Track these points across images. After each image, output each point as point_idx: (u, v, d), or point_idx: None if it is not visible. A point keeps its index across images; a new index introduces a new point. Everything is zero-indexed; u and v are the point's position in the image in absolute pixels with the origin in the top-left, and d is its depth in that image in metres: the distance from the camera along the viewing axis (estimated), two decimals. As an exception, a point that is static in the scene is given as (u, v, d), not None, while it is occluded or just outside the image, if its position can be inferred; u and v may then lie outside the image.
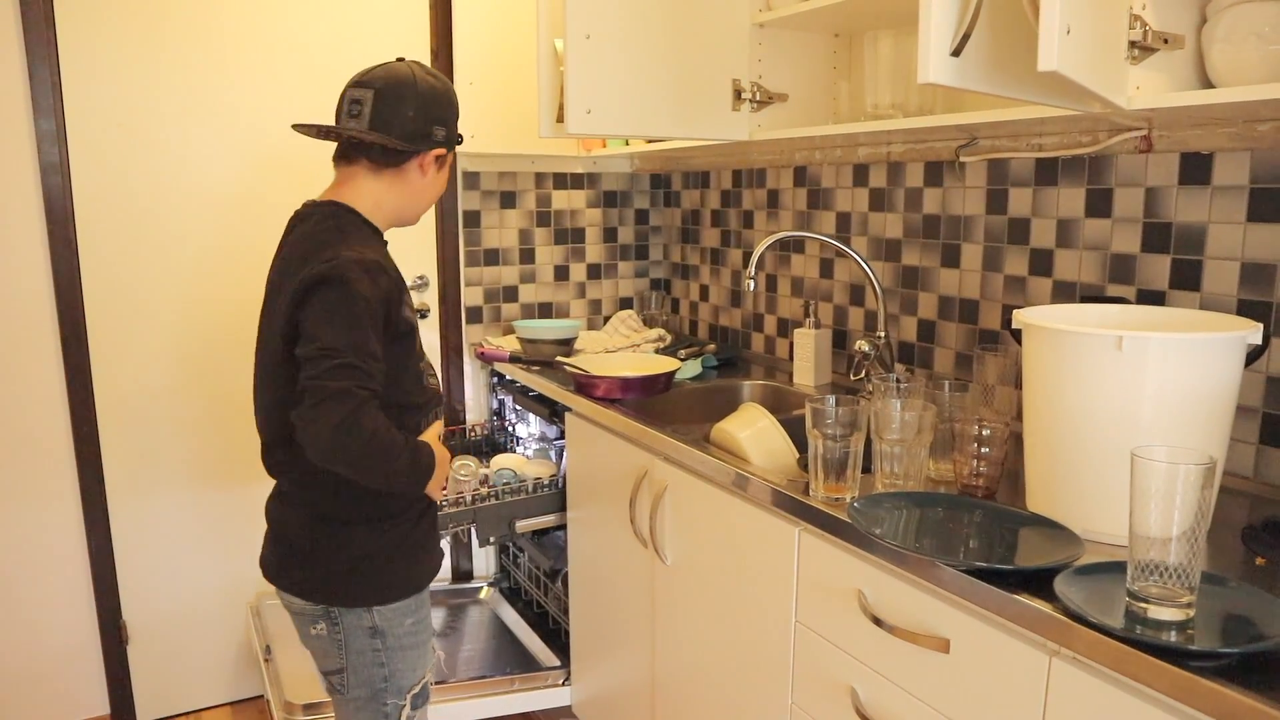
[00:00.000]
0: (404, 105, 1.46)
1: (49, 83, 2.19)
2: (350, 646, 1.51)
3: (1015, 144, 1.77)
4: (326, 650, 1.53)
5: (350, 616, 1.50)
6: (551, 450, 2.49)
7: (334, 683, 1.55)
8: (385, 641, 1.52)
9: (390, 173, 1.50)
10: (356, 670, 1.52)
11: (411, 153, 1.49)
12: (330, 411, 1.29)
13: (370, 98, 1.45)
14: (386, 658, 1.53)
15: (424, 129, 1.49)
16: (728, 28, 1.99)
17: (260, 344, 1.50)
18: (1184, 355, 1.12)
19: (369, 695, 1.53)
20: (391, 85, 1.46)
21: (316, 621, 1.51)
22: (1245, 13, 1.21)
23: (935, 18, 1.10)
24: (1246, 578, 1.08)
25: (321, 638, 1.52)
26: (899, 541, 1.21)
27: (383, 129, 1.45)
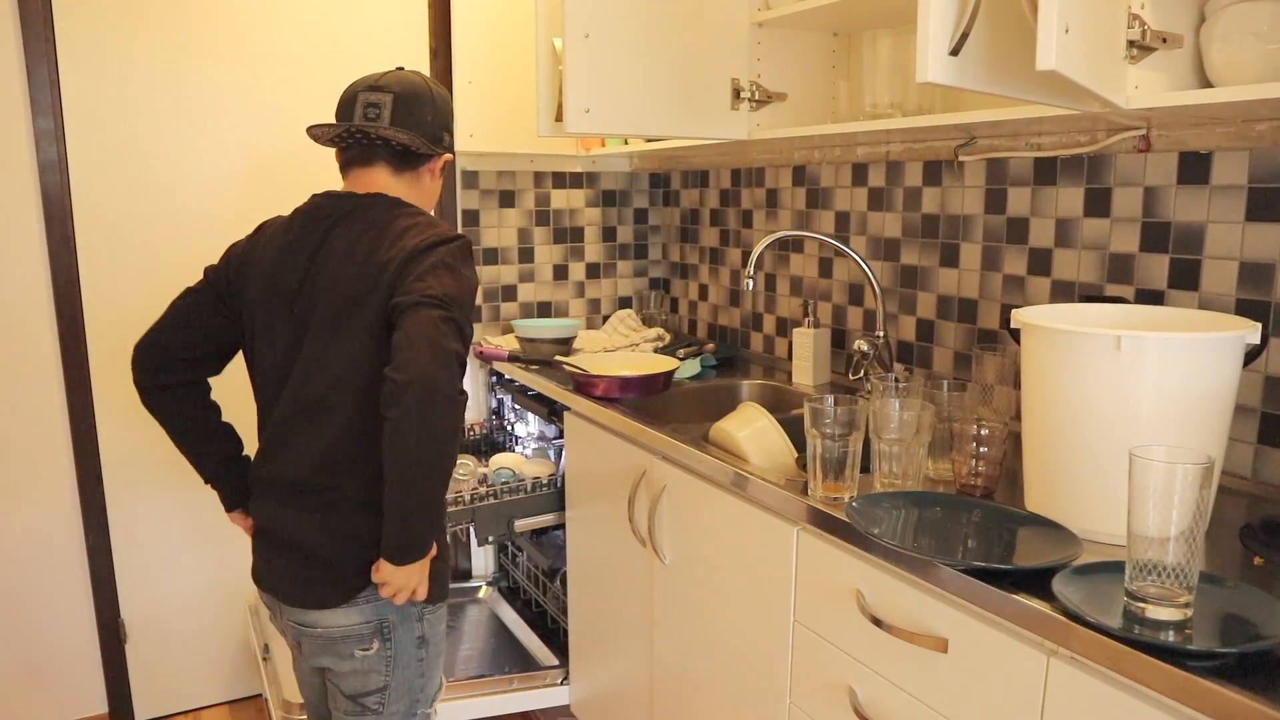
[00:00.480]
0: (423, 110, 1.49)
1: (47, 81, 2.19)
2: (399, 661, 1.44)
3: (1014, 143, 1.77)
4: (369, 670, 1.43)
5: (403, 629, 1.44)
6: (550, 449, 2.49)
7: (368, 704, 1.45)
8: (429, 650, 1.48)
9: (408, 175, 1.51)
10: (399, 686, 1.46)
11: (428, 155, 1.52)
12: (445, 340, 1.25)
13: (389, 101, 1.45)
14: (427, 667, 1.49)
15: (438, 134, 1.52)
16: (727, 27, 1.99)
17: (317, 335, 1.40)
18: (1182, 355, 1.12)
19: (405, 710, 1.47)
20: (409, 89, 1.48)
21: (366, 642, 1.42)
22: (1243, 12, 1.21)
23: (934, 17, 1.10)
24: (1245, 577, 1.08)
25: (367, 657, 1.42)
26: (897, 541, 1.21)
27: (416, 138, 1.47)
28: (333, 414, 1.39)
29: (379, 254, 1.38)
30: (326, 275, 1.41)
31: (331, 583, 1.40)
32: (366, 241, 1.40)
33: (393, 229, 1.41)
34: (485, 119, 2.59)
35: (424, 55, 2.60)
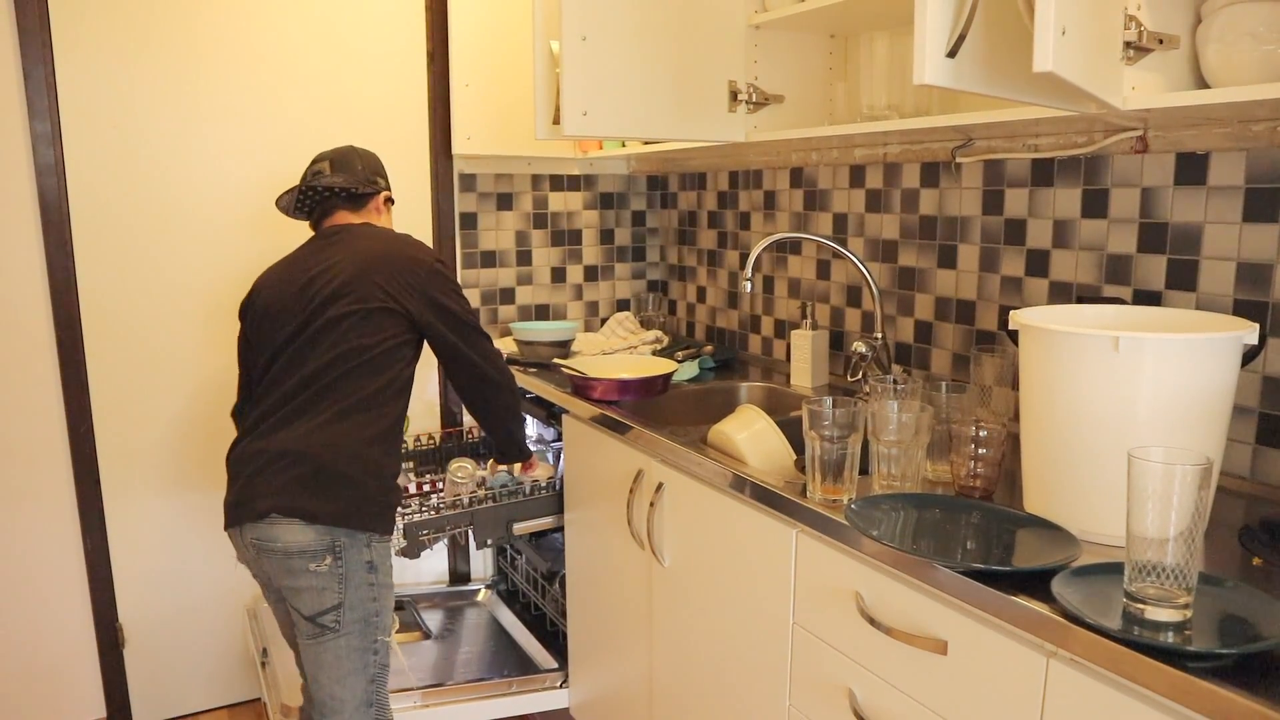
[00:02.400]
0: (354, 163, 1.95)
1: (44, 84, 2.18)
2: (350, 580, 1.62)
3: (1011, 144, 1.77)
4: (324, 586, 1.62)
5: (353, 550, 1.63)
6: (549, 452, 2.49)
7: (326, 622, 1.63)
8: (378, 577, 1.67)
9: (363, 211, 1.94)
10: (353, 605, 1.63)
11: (370, 193, 1.94)
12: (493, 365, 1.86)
13: (327, 165, 1.93)
14: (377, 593, 1.67)
15: (370, 178, 1.95)
16: (723, 29, 1.99)
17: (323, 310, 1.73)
18: (1180, 356, 1.12)
19: (361, 630, 1.65)
20: (339, 154, 1.95)
21: (320, 557, 1.61)
22: (1239, 13, 1.21)
23: (931, 19, 1.10)
24: (1244, 578, 1.08)
25: (320, 574, 1.61)
26: (896, 543, 1.21)
27: (352, 180, 1.91)
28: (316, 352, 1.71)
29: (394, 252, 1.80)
30: (333, 263, 1.77)
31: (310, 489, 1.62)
32: (365, 246, 1.81)
33: (384, 232, 1.88)
34: (482, 122, 2.59)
35: (421, 59, 2.60)
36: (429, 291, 1.76)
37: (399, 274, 1.74)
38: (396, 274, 1.74)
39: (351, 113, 2.54)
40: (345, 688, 1.63)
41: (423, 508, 2.14)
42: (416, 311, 1.75)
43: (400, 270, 1.75)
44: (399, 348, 1.75)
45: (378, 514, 1.67)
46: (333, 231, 1.86)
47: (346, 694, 1.63)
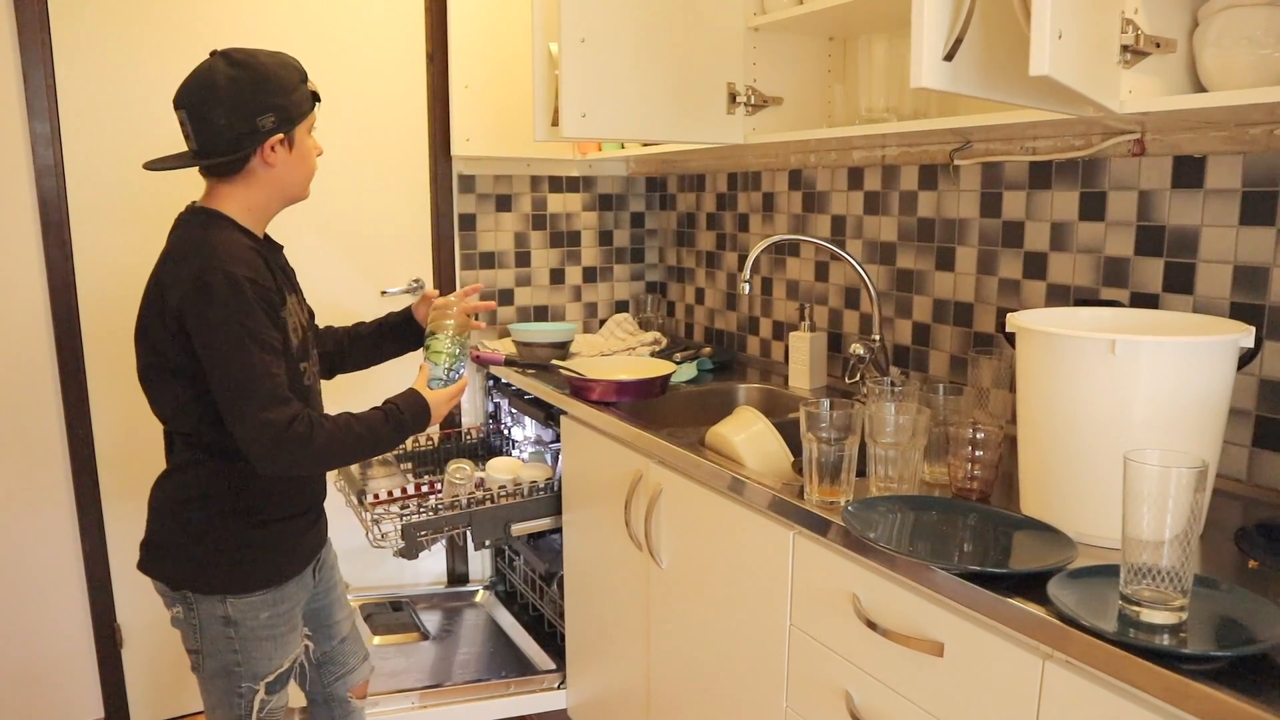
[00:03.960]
0: (214, 114, 1.43)
1: (44, 85, 2.19)
2: (205, 631, 1.53)
3: (1009, 147, 1.78)
4: (183, 631, 1.55)
5: (204, 605, 1.51)
6: (547, 453, 2.49)
7: (192, 661, 1.58)
8: (239, 630, 1.53)
9: (238, 177, 1.49)
10: (211, 654, 1.54)
11: (242, 157, 1.46)
12: (275, 451, 1.41)
13: (186, 118, 1.45)
14: (240, 645, 1.54)
15: (244, 128, 1.44)
16: (722, 31, 2.00)
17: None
18: (1176, 359, 1.12)
19: (223, 675, 1.55)
20: (196, 99, 1.43)
21: (173, 604, 1.54)
22: (1236, 17, 1.22)
23: (928, 22, 1.10)
24: (1239, 580, 1.08)
25: (179, 620, 1.54)
26: (893, 545, 1.21)
27: (205, 146, 1.45)
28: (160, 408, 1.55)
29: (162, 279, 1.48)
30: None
31: (152, 544, 1.55)
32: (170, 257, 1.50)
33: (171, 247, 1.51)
34: (482, 123, 2.60)
35: (420, 60, 2.60)
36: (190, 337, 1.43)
37: (162, 323, 1.46)
38: (160, 325, 1.46)
39: (350, 113, 2.54)
40: (213, 716, 1.60)
41: (421, 509, 2.14)
42: (187, 365, 1.47)
43: (162, 319, 1.46)
44: (189, 405, 1.50)
45: (221, 577, 1.51)
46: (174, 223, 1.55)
47: None
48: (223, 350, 1.37)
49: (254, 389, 1.37)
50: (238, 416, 1.38)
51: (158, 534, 1.54)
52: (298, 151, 1.52)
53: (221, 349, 1.37)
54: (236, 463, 1.48)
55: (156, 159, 1.52)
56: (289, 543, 1.58)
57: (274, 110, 1.45)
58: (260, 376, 1.38)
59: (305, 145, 1.53)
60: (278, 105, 1.45)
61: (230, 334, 1.37)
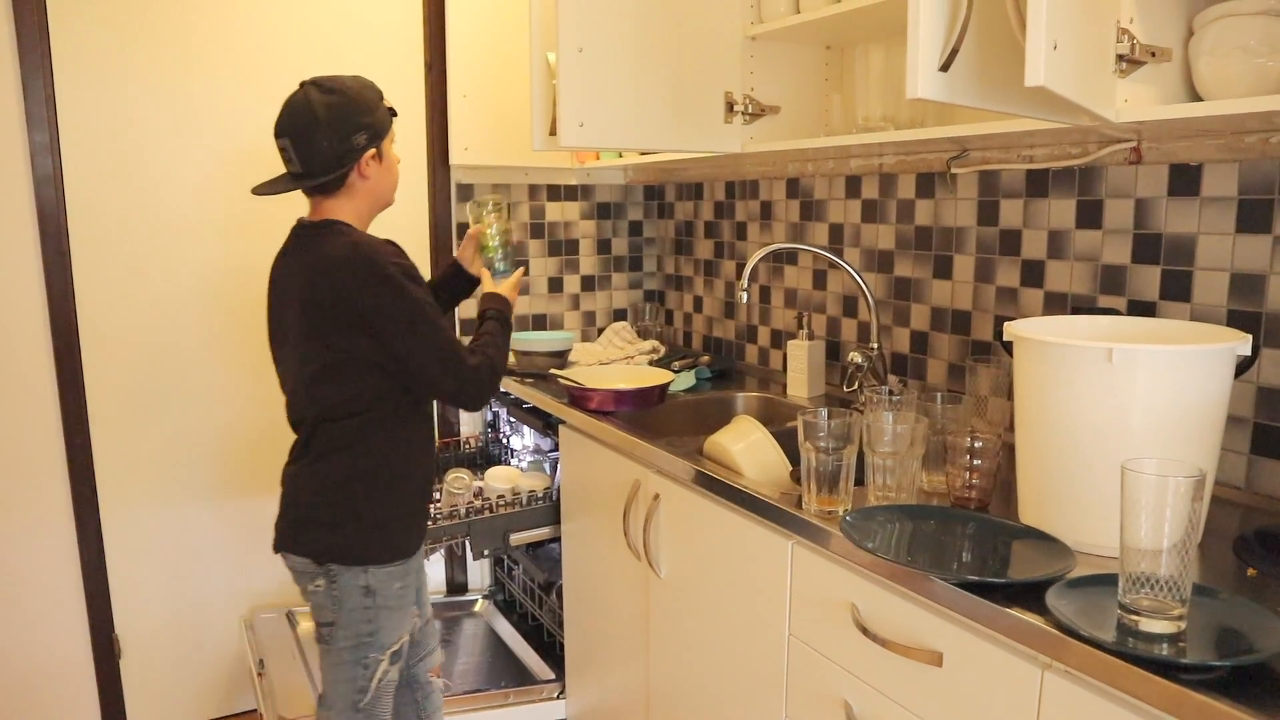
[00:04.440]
0: (317, 139, 1.59)
1: (43, 95, 2.19)
2: (344, 603, 1.66)
3: (1006, 155, 1.78)
4: (322, 604, 1.68)
5: (346, 576, 1.65)
6: (546, 463, 2.49)
7: (323, 634, 1.70)
8: (376, 600, 1.68)
9: (341, 191, 1.66)
10: (346, 625, 1.67)
11: (344, 173, 1.63)
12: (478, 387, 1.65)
13: (289, 145, 1.61)
14: (374, 615, 1.68)
15: (343, 148, 1.60)
16: (720, 40, 2.00)
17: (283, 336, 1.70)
18: (1174, 367, 1.12)
19: (352, 648, 1.68)
20: (299, 127, 1.59)
21: (315, 579, 1.67)
22: (1230, 26, 1.22)
23: (923, 33, 1.10)
24: (1238, 589, 1.08)
25: (319, 593, 1.67)
26: (892, 555, 1.21)
27: (310, 168, 1.61)
28: (298, 398, 1.70)
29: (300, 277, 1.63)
30: (286, 298, 1.69)
31: (298, 526, 1.68)
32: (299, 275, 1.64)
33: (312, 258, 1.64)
34: (480, 132, 2.60)
35: (419, 69, 2.61)
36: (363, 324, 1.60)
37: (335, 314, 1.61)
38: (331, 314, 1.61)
39: (349, 124, 2.54)
40: (335, 692, 1.72)
41: (419, 518, 2.14)
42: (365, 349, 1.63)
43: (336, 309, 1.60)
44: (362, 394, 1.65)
45: (364, 550, 1.66)
46: (295, 233, 1.72)
47: (335, 697, 1.72)
48: (421, 329, 1.57)
49: (456, 350, 1.61)
50: (454, 373, 1.61)
51: (307, 512, 1.67)
52: (386, 162, 1.70)
53: (420, 328, 1.57)
54: (394, 441, 1.67)
55: (263, 184, 1.69)
56: (418, 516, 1.76)
57: (365, 129, 1.62)
58: (454, 340, 1.62)
59: (390, 156, 1.71)
60: (367, 124, 1.62)
61: (422, 314, 1.58)
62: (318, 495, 1.67)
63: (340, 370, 1.61)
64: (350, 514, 1.66)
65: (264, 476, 2.58)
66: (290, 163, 1.63)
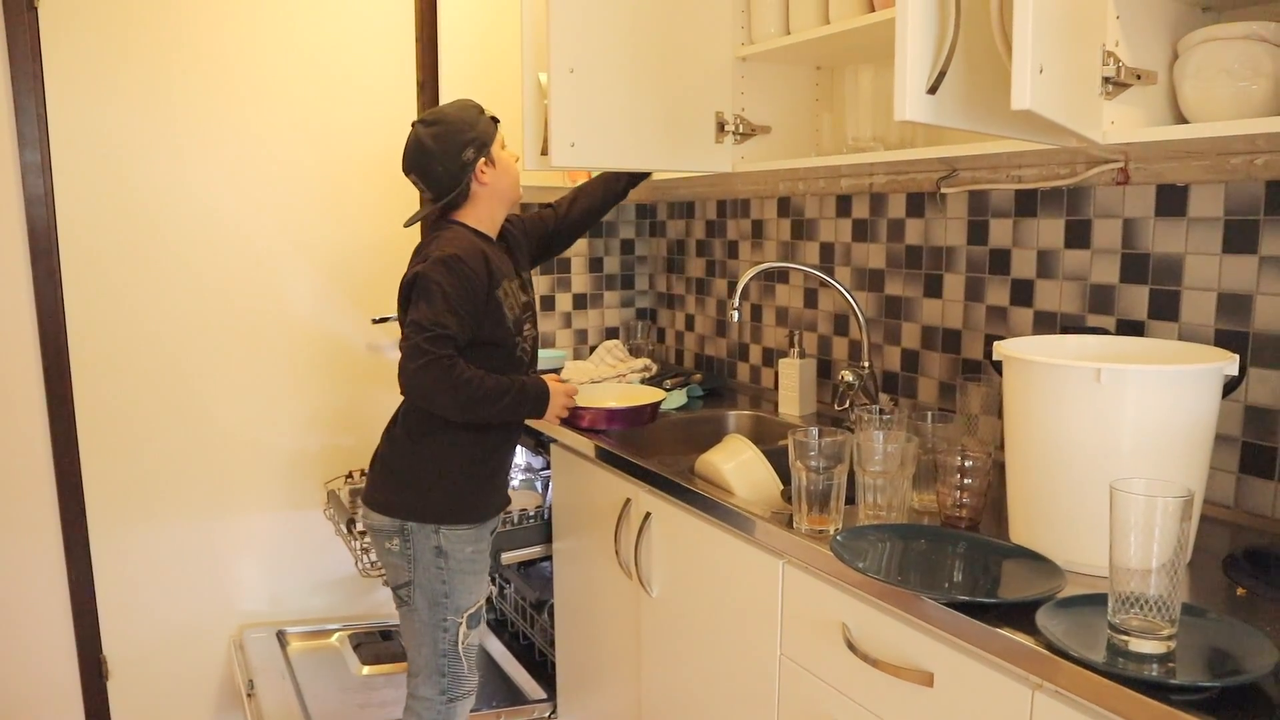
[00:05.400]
0: (433, 167, 1.77)
1: (35, 115, 2.19)
2: (419, 561, 1.79)
3: (995, 175, 1.79)
4: (398, 564, 1.81)
5: (420, 535, 1.78)
6: (537, 481, 2.48)
7: (401, 595, 1.83)
8: (448, 562, 1.79)
9: (468, 201, 1.83)
10: (421, 584, 1.80)
11: (465, 187, 1.80)
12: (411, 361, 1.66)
13: (417, 179, 1.80)
14: (447, 576, 1.80)
15: (457, 166, 1.77)
16: (710, 61, 2.01)
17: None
18: (1162, 387, 1.13)
19: (429, 607, 1.80)
20: (417, 161, 1.78)
21: (391, 537, 1.80)
22: (1214, 50, 1.24)
23: (911, 56, 1.11)
24: (1228, 609, 1.08)
25: (394, 552, 1.80)
26: (882, 574, 1.21)
27: (438, 192, 1.80)
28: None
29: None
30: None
31: (377, 481, 1.84)
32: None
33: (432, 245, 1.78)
34: (472, 151, 2.60)
35: (411, 89, 2.62)
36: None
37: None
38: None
39: (341, 142, 2.55)
40: (419, 654, 1.84)
41: (410, 537, 2.13)
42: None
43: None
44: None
45: (440, 508, 1.79)
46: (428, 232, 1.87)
47: (420, 659, 1.84)
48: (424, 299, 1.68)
49: (422, 332, 1.66)
50: (407, 346, 1.67)
51: (393, 476, 1.81)
52: (500, 165, 1.83)
53: (424, 298, 1.68)
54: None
55: (412, 216, 1.86)
56: (495, 487, 1.88)
57: (470, 144, 1.77)
58: (435, 324, 1.66)
59: (503, 158, 1.84)
60: (471, 139, 1.78)
61: (438, 289, 1.68)
62: (404, 460, 1.80)
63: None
64: (433, 479, 1.78)
65: (252, 495, 2.57)
66: (423, 191, 1.81)
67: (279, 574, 2.64)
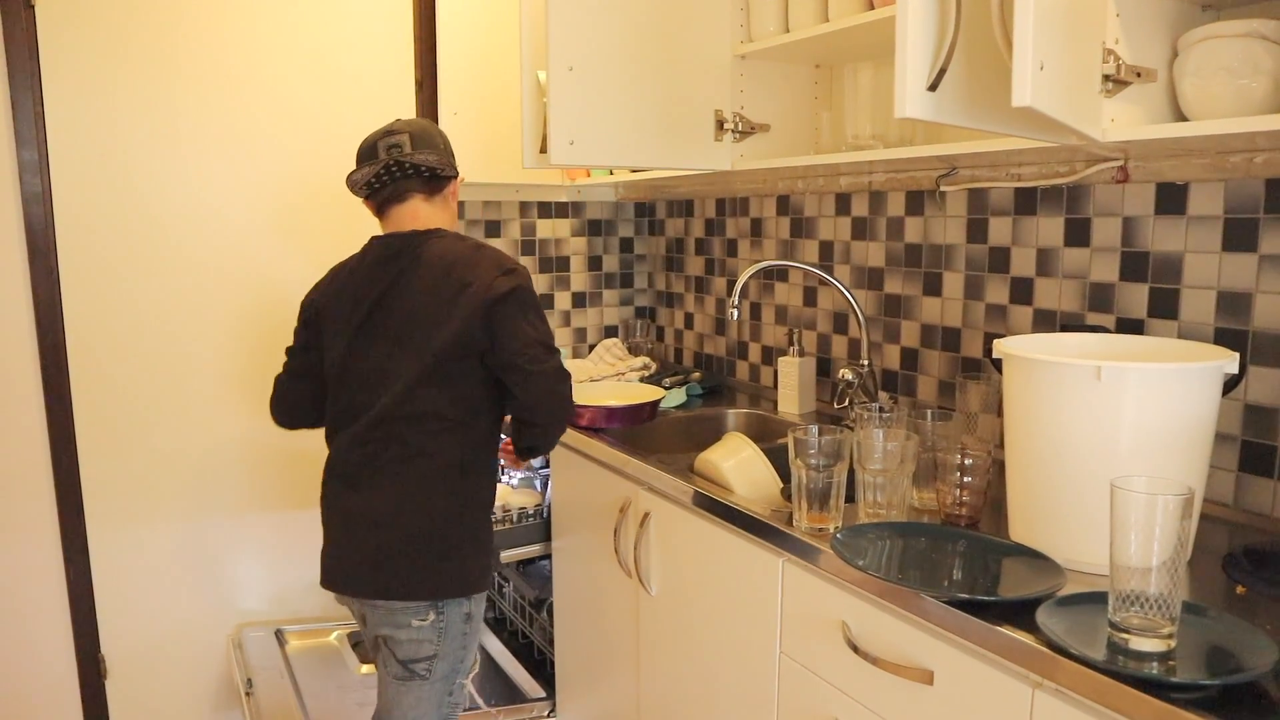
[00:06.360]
0: (435, 138, 1.71)
1: (32, 113, 2.19)
2: (448, 633, 1.66)
3: (994, 174, 1.79)
4: (424, 639, 1.65)
5: (454, 606, 1.65)
6: (537, 479, 2.48)
7: (418, 670, 1.66)
8: (471, 625, 1.70)
9: (438, 198, 1.73)
10: (445, 655, 1.67)
11: (449, 177, 1.73)
12: (564, 383, 1.63)
13: (406, 139, 1.68)
14: (467, 642, 1.71)
15: (450, 159, 1.74)
16: (710, 59, 2.01)
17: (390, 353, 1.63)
18: (1162, 385, 1.13)
19: (446, 676, 1.69)
20: (418, 126, 1.70)
21: (425, 613, 1.63)
22: (1214, 48, 1.24)
23: (911, 53, 1.11)
24: (1227, 607, 1.08)
25: (423, 628, 1.64)
26: (882, 573, 1.21)
27: (437, 160, 1.69)
28: (405, 419, 1.61)
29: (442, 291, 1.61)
30: (404, 298, 1.64)
31: (404, 560, 1.62)
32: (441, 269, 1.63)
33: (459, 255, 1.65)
34: (471, 149, 2.60)
35: (410, 86, 2.61)
36: (497, 333, 1.59)
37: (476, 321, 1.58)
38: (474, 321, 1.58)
39: (339, 140, 2.55)
40: None
41: (409, 536, 2.13)
42: (489, 353, 1.61)
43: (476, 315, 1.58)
44: (485, 399, 1.64)
45: (479, 576, 1.68)
46: (409, 244, 1.66)
47: None
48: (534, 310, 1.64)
49: (553, 348, 1.64)
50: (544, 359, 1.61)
51: (436, 548, 1.62)
52: (456, 203, 1.82)
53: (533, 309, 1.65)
54: (491, 457, 1.69)
55: (365, 167, 1.71)
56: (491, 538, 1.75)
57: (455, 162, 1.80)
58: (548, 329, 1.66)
59: (456, 203, 1.82)
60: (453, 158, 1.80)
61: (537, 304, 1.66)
62: (449, 531, 1.63)
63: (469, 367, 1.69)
64: (470, 545, 1.66)
65: (251, 493, 2.56)
66: (397, 149, 1.70)
67: (278, 573, 2.63)
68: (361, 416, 1.64)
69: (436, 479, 1.61)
